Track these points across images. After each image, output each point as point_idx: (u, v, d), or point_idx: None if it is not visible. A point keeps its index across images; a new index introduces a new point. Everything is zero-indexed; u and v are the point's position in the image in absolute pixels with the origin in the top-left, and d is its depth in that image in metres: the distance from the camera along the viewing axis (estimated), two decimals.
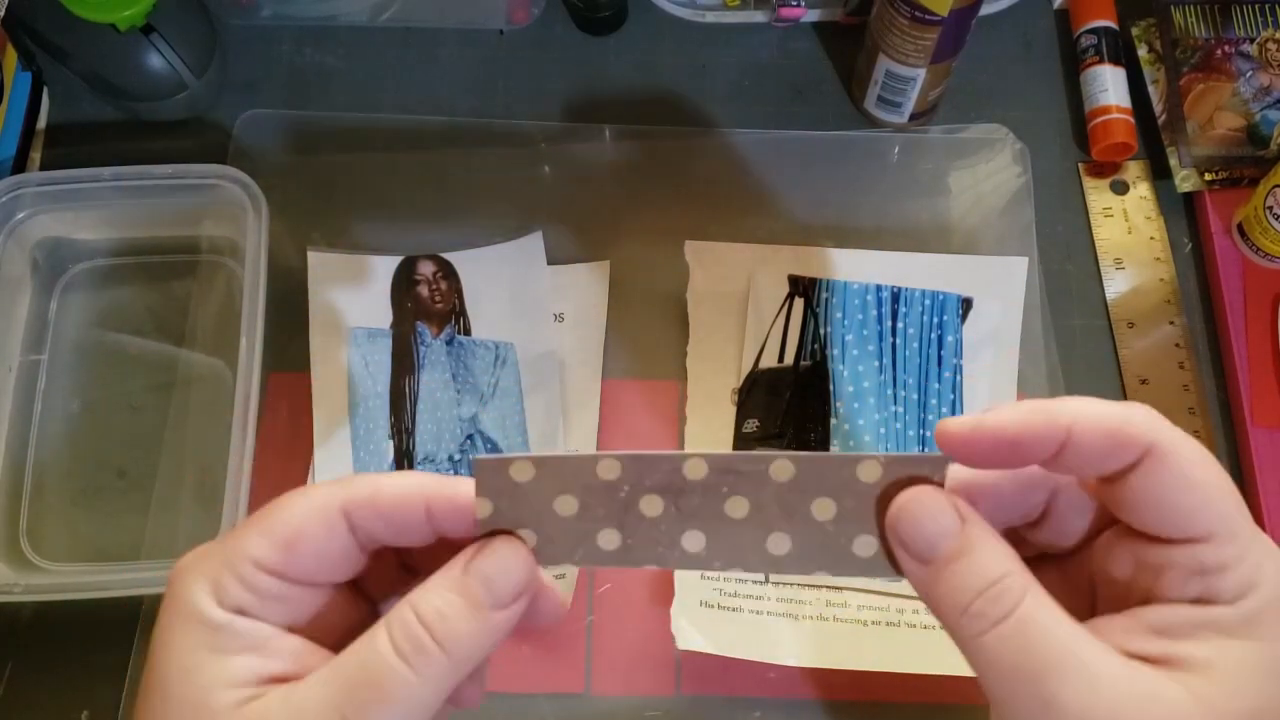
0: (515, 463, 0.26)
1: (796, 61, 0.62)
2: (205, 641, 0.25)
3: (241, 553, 0.25)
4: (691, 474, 0.26)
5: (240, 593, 0.25)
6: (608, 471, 0.26)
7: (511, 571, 0.25)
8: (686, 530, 0.26)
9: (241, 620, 0.25)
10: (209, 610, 0.25)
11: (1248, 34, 0.59)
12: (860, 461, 0.26)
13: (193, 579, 0.25)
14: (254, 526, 0.26)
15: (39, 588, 0.49)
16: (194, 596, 0.25)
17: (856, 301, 0.55)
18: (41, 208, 0.55)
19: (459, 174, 0.59)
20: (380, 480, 0.26)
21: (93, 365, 0.56)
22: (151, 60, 0.56)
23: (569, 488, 0.26)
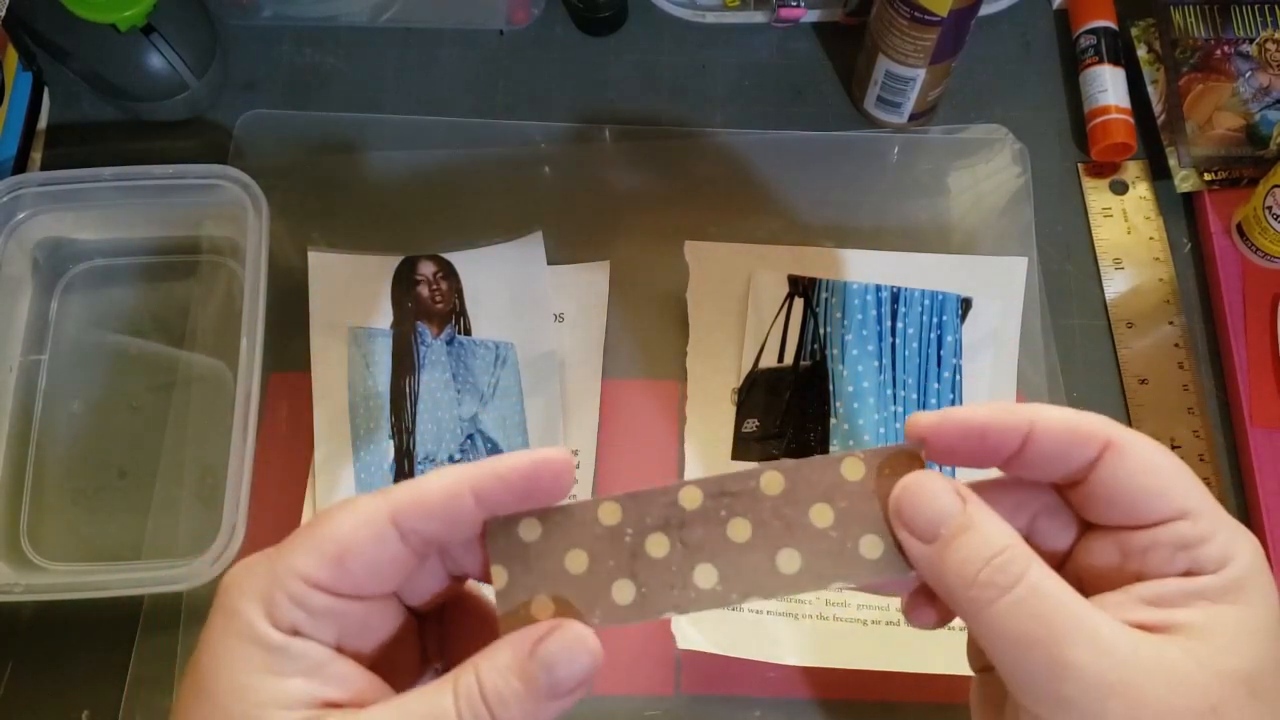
0: (523, 521, 0.26)
1: (796, 62, 0.62)
2: (261, 662, 0.25)
3: (292, 569, 0.25)
4: (688, 503, 0.26)
5: (293, 611, 0.25)
6: (609, 516, 0.26)
7: (577, 663, 0.25)
8: (696, 565, 0.26)
9: (298, 642, 0.25)
10: (265, 631, 0.25)
11: (1247, 34, 0.59)
12: (843, 461, 0.26)
13: (245, 595, 0.25)
14: (302, 542, 0.26)
15: (39, 587, 0.49)
16: (249, 614, 0.25)
17: (856, 301, 0.55)
18: (42, 208, 0.55)
19: (459, 174, 0.60)
20: (422, 482, 0.26)
21: (93, 365, 0.56)
22: (152, 60, 0.57)
23: (576, 541, 0.26)
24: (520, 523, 0.26)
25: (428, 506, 0.26)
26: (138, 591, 0.49)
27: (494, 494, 0.26)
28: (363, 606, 0.26)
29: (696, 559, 0.26)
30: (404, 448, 0.53)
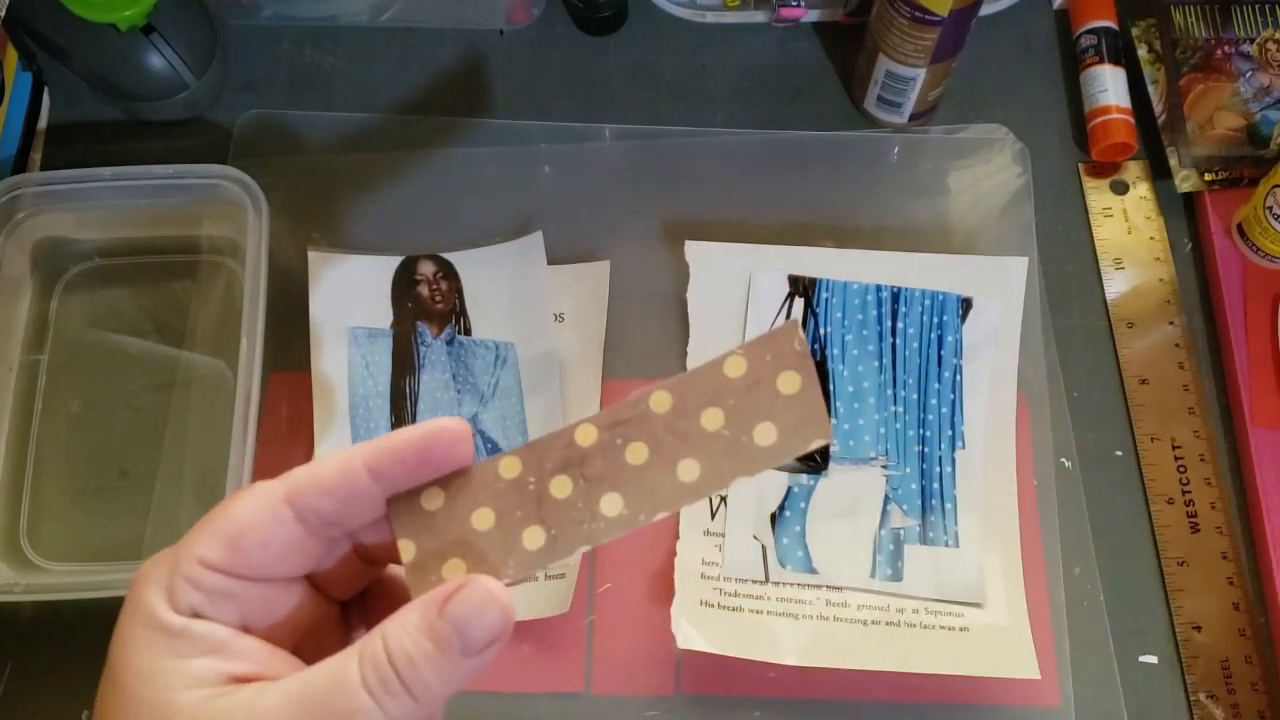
0: (425, 492, 0.27)
1: (796, 61, 0.62)
2: (164, 647, 0.25)
3: (189, 554, 0.25)
4: (584, 441, 0.26)
5: (190, 593, 0.25)
6: (509, 470, 0.27)
7: (486, 618, 0.25)
8: (601, 496, 0.27)
9: (198, 624, 0.25)
10: (166, 615, 0.25)
11: (1248, 34, 0.59)
12: (724, 361, 0.26)
13: (148, 584, 0.26)
14: (202, 527, 0.26)
15: (39, 587, 0.49)
16: (150, 601, 0.25)
17: (856, 301, 0.55)
18: (42, 207, 0.55)
19: (459, 174, 0.60)
20: (318, 462, 0.27)
21: (93, 365, 0.56)
22: (152, 60, 0.56)
23: (480, 500, 0.27)
24: (422, 494, 0.27)
25: (321, 484, 0.26)
26: None
27: (388, 468, 0.26)
28: (265, 588, 0.26)
29: (600, 490, 0.26)
30: None
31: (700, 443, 0.26)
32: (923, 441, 0.53)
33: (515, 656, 0.49)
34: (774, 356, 0.26)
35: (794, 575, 0.51)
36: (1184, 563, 0.52)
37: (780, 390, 0.26)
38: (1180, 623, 0.51)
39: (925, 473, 0.53)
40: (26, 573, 0.51)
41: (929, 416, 0.53)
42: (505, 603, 0.25)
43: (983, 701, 0.49)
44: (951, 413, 0.53)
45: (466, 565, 0.26)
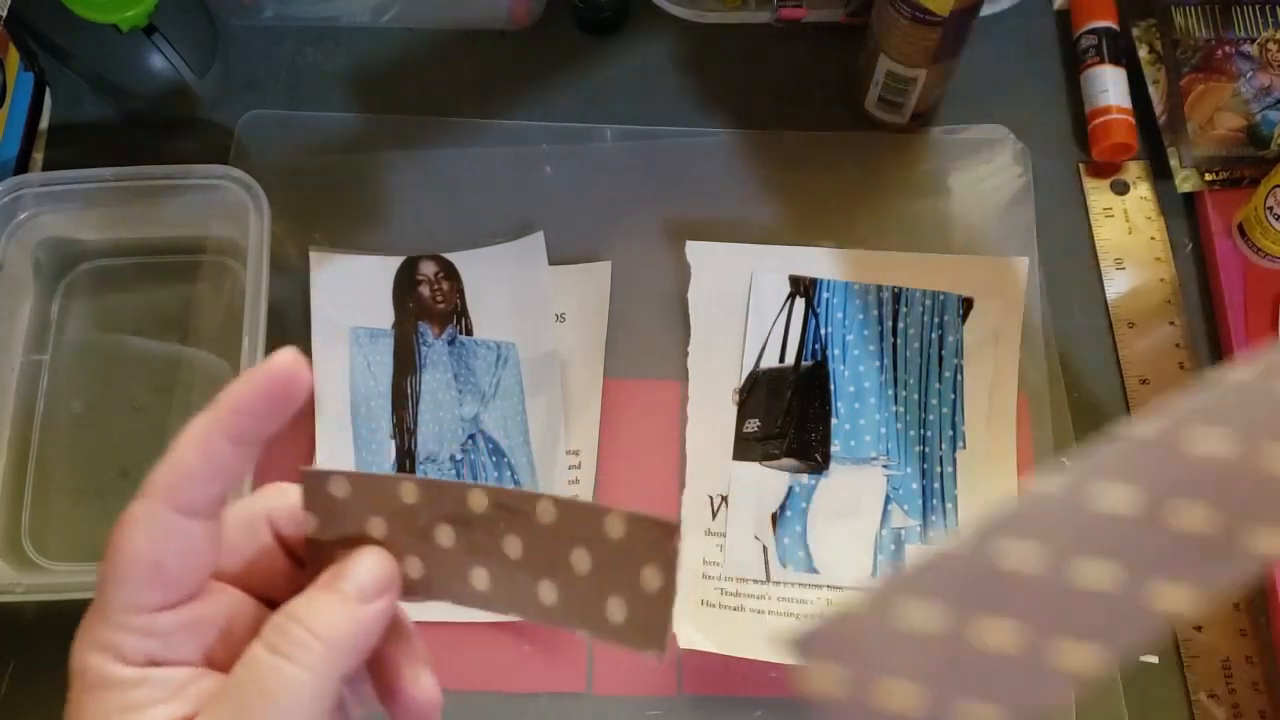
0: (333, 477, 0.27)
1: (797, 62, 0.62)
2: (119, 702, 0.24)
3: (122, 607, 0.25)
4: (474, 506, 0.26)
5: (144, 643, 0.25)
6: (408, 495, 0.27)
7: (372, 567, 0.26)
8: (474, 566, 0.27)
9: (157, 671, 0.25)
10: (117, 671, 0.24)
11: (1248, 34, 0.59)
12: (607, 515, 0.25)
13: (88, 650, 0.25)
14: (114, 578, 0.25)
15: (41, 587, 0.49)
16: (96, 664, 0.24)
17: (857, 301, 0.55)
18: (44, 208, 0.55)
19: (460, 174, 0.60)
20: (174, 454, 0.27)
21: (95, 365, 0.56)
22: (153, 61, 0.57)
23: (377, 509, 0.27)
24: (331, 478, 0.27)
25: (190, 473, 0.26)
26: None
27: (243, 426, 0.27)
28: (213, 606, 0.26)
29: (475, 560, 0.27)
30: (405, 448, 0.53)
31: (564, 575, 0.26)
32: (924, 441, 0.53)
33: (517, 657, 0.49)
34: (649, 545, 0.25)
35: (795, 575, 0.51)
36: None
37: (642, 580, 0.25)
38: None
39: (926, 473, 0.53)
40: (28, 573, 0.51)
41: (930, 416, 0.54)
42: (385, 555, 0.26)
43: None
44: (952, 413, 0.54)
45: None
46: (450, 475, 0.53)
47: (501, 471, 0.53)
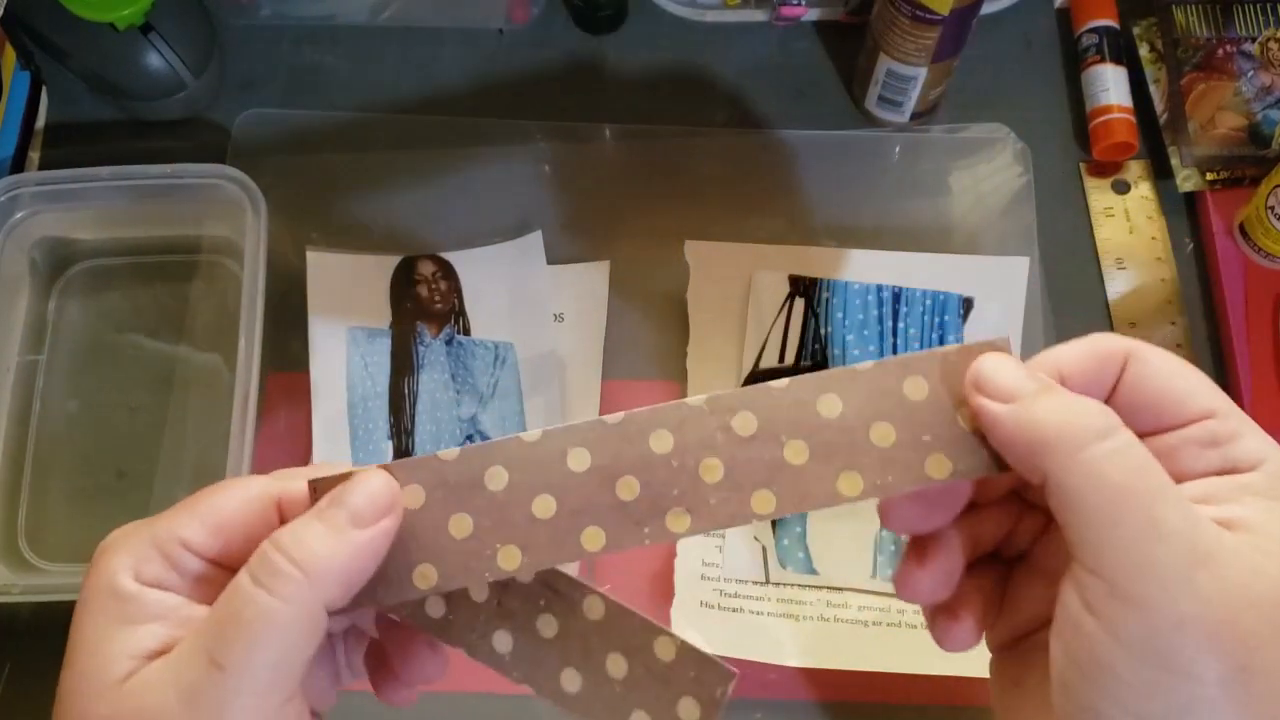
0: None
1: (797, 61, 0.62)
2: (116, 613, 0.25)
3: (170, 532, 0.25)
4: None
5: (163, 571, 0.25)
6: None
7: (370, 490, 0.25)
8: (500, 629, 0.27)
9: (152, 591, 0.25)
10: (123, 582, 0.25)
11: (1249, 33, 0.59)
12: (659, 636, 0.26)
13: (114, 555, 0.25)
14: (186, 509, 0.26)
15: (38, 588, 0.49)
16: (112, 568, 0.25)
17: (857, 301, 0.55)
18: (40, 207, 0.54)
19: (459, 174, 0.59)
20: (316, 472, 0.26)
21: (91, 365, 0.55)
22: (150, 59, 0.56)
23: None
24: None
25: (294, 503, 0.26)
26: None
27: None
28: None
29: (502, 624, 0.27)
30: (403, 448, 0.53)
31: (594, 672, 0.26)
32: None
33: None
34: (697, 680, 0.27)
35: (794, 576, 0.50)
36: None
37: (679, 709, 0.26)
38: None
39: None
40: (24, 573, 0.51)
41: None
42: (392, 484, 0.26)
43: (983, 702, 0.49)
44: None
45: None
46: None
47: None
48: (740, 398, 0.25)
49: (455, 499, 0.25)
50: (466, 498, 0.25)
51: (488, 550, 0.25)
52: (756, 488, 0.25)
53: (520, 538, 0.25)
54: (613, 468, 0.25)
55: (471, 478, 0.25)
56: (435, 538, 0.25)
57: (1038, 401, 0.24)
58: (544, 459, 0.25)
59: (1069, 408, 0.24)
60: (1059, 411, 0.24)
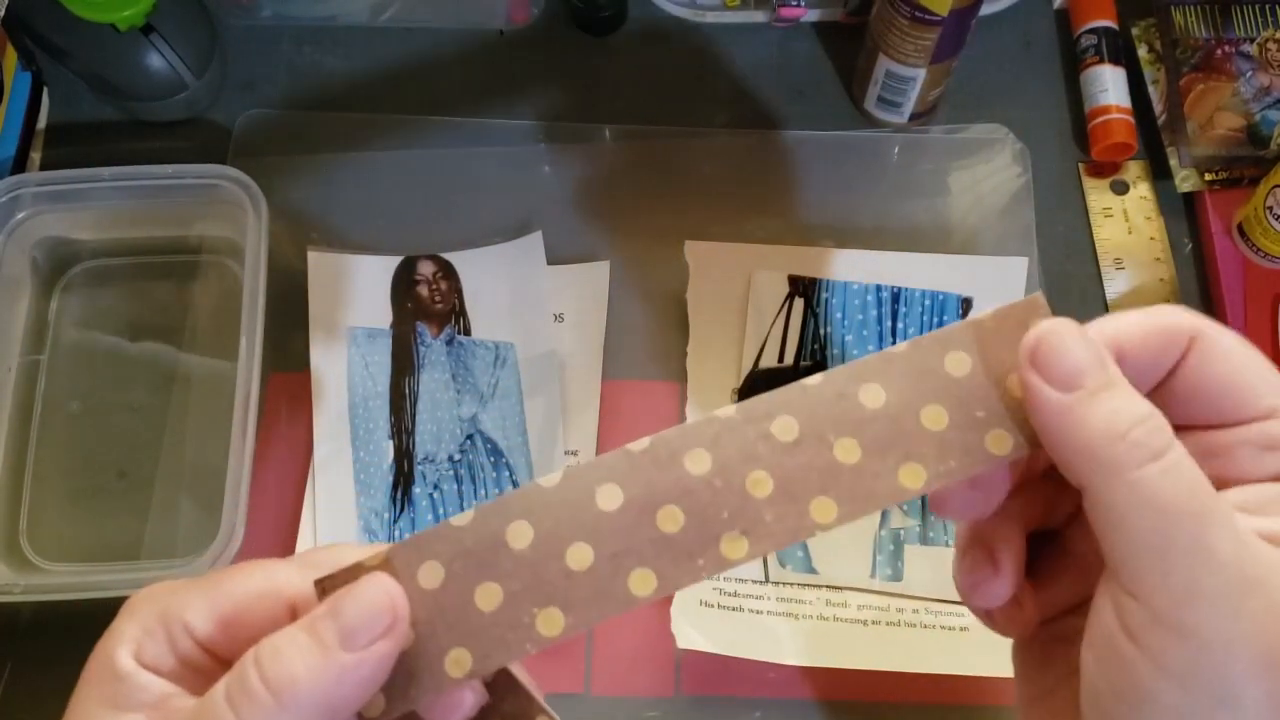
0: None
1: (796, 61, 0.62)
2: (108, 694, 0.23)
3: (179, 612, 0.24)
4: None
5: (163, 652, 0.24)
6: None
7: (367, 602, 0.22)
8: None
9: (145, 675, 0.24)
10: (121, 660, 0.24)
11: (1248, 34, 0.59)
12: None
13: (127, 622, 0.24)
14: (202, 589, 0.24)
15: (39, 588, 0.49)
16: (115, 641, 0.24)
17: (856, 301, 0.55)
18: (41, 208, 0.55)
19: (458, 173, 0.59)
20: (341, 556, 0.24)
21: (92, 365, 0.56)
22: (151, 60, 0.56)
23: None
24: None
25: (307, 603, 0.24)
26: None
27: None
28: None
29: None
30: (404, 448, 0.53)
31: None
32: None
33: None
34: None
35: (794, 575, 0.51)
36: None
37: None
38: None
39: None
40: (25, 573, 0.51)
41: None
42: (393, 591, 0.22)
43: (982, 702, 0.49)
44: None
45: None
46: (448, 475, 0.53)
47: (500, 472, 0.53)
48: (774, 401, 0.24)
49: (477, 567, 0.23)
50: (490, 563, 0.23)
51: (524, 618, 0.22)
52: (813, 496, 0.23)
53: (559, 597, 0.22)
54: (649, 499, 0.23)
55: (491, 539, 0.23)
56: (463, 616, 0.23)
57: (1093, 403, 0.22)
58: (569, 503, 0.23)
59: (1125, 416, 0.22)
60: (1113, 421, 0.21)
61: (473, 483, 0.53)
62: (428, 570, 0.23)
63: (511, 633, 0.22)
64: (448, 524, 0.23)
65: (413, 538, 0.23)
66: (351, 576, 0.23)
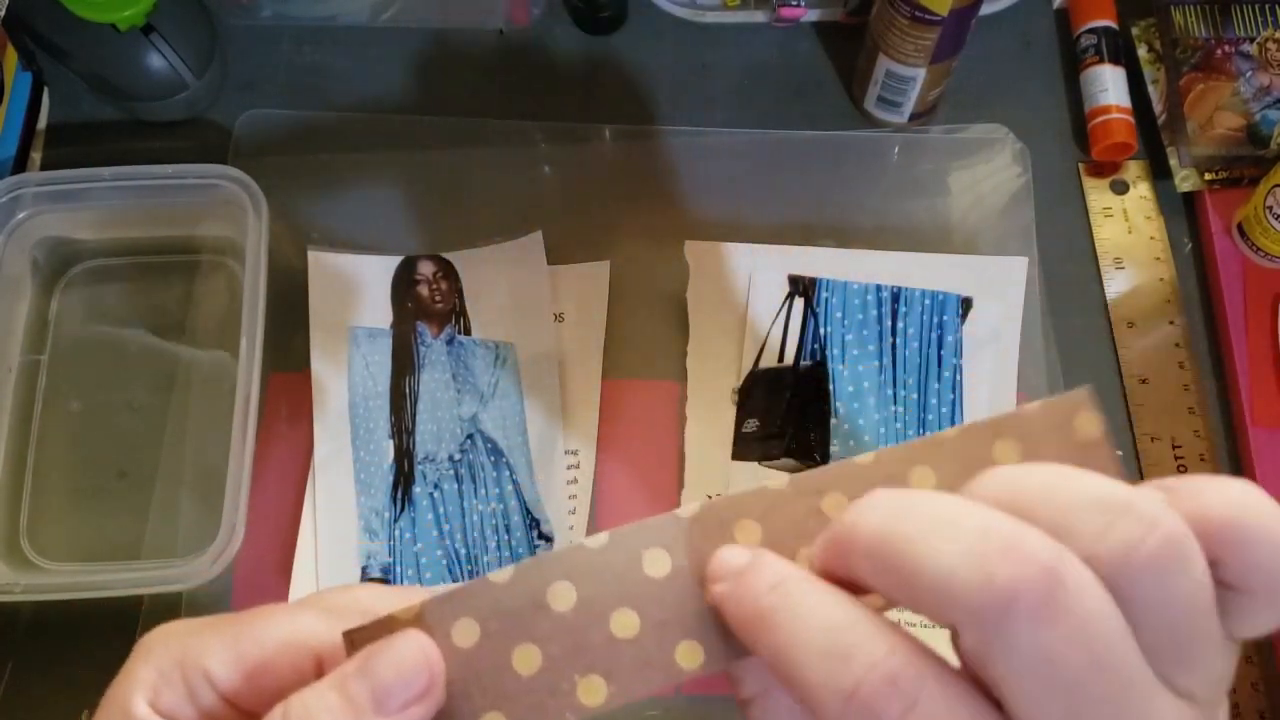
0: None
1: (796, 61, 0.62)
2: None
3: (200, 658, 0.23)
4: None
5: (180, 701, 0.23)
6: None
7: (403, 662, 0.21)
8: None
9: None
10: (136, 707, 0.23)
11: (1248, 34, 0.59)
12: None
13: (142, 664, 0.23)
14: (225, 633, 0.23)
15: (39, 587, 0.49)
16: (132, 684, 0.23)
17: (856, 301, 0.55)
18: (42, 207, 0.55)
19: (459, 174, 0.60)
20: (372, 600, 0.23)
21: (93, 365, 0.56)
22: (151, 60, 0.56)
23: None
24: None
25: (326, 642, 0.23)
26: (137, 591, 0.49)
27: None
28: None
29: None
30: (404, 448, 0.53)
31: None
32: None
33: None
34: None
35: None
36: None
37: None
38: None
39: None
40: (26, 573, 0.51)
41: (929, 416, 0.53)
42: (430, 651, 0.21)
43: None
44: (952, 412, 0.53)
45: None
46: (448, 475, 0.53)
47: (500, 471, 0.53)
48: (826, 478, 0.23)
49: (516, 628, 0.22)
50: (530, 624, 0.22)
51: (564, 684, 0.21)
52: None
53: (602, 664, 0.21)
54: (697, 568, 0.22)
55: (532, 599, 0.22)
56: (499, 679, 0.22)
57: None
58: (615, 567, 0.22)
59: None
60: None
61: (473, 482, 0.53)
62: (462, 628, 0.22)
63: (551, 699, 0.21)
64: (485, 580, 0.22)
65: (447, 592, 0.22)
66: (383, 630, 0.22)
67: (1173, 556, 0.17)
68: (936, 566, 0.17)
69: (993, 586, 0.17)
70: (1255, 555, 0.18)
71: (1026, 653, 0.17)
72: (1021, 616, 0.17)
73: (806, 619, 0.19)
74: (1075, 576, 0.17)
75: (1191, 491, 0.19)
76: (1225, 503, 0.18)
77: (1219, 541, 0.18)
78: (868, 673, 0.18)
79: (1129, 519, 0.17)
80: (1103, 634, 0.17)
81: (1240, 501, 0.18)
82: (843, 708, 0.18)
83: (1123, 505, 0.18)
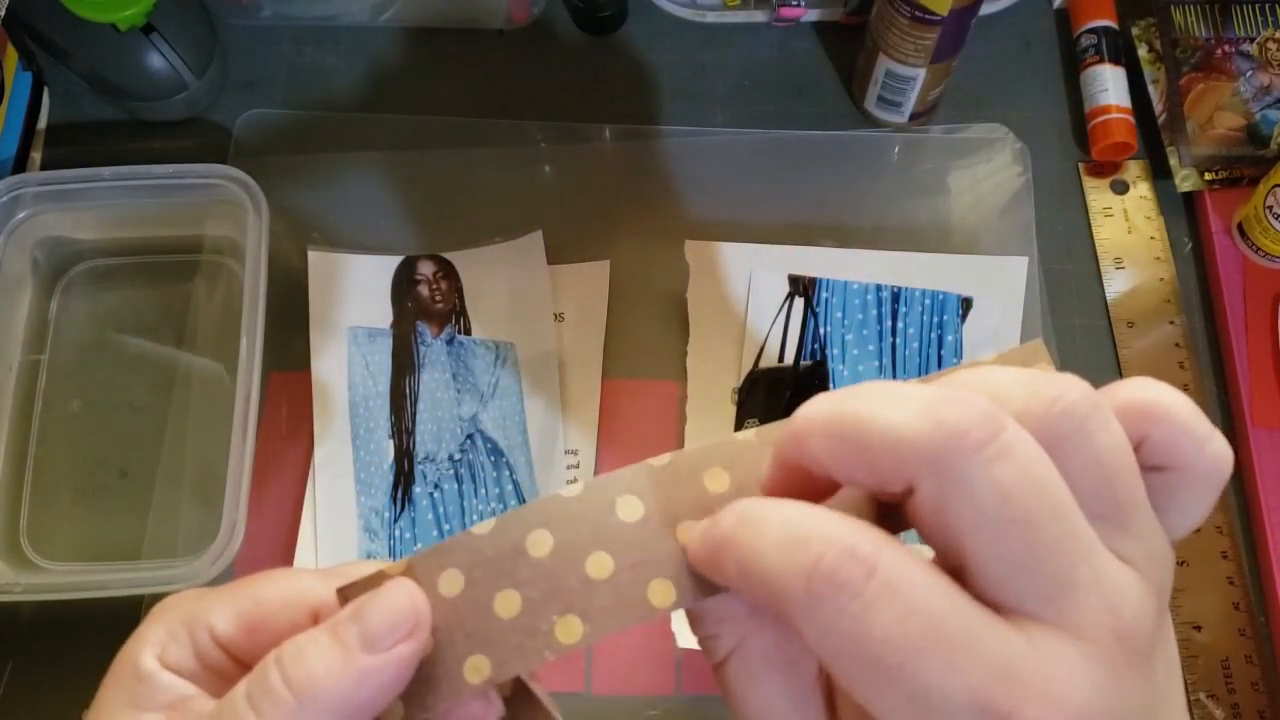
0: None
1: (796, 61, 0.62)
2: (129, 694, 0.24)
3: (204, 616, 0.24)
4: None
5: (186, 655, 0.24)
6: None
7: (390, 606, 0.22)
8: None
9: (166, 675, 0.24)
10: (145, 661, 0.24)
11: (1248, 34, 0.59)
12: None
13: (152, 625, 0.25)
14: (228, 594, 0.25)
15: (39, 587, 0.49)
16: (141, 642, 0.24)
17: (856, 301, 0.55)
18: (42, 207, 0.55)
19: (459, 174, 0.60)
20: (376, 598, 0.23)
21: (93, 365, 0.56)
22: (152, 60, 0.56)
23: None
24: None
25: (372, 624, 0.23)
26: (138, 591, 0.49)
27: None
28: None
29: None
30: (404, 447, 0.53)
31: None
32: None
33: None
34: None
35: None
36: (1184, 562, 0.52)
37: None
38: (1180, 622, 0.51)
39: None
40: (26, 572, 0.51)
41: None
42: (416, 596, 0.22)
43: None
44: None
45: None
46: (448, 474, 0.53)
47: (500, 471, 0.53)
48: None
49: (497, 575, 0.23)
50: (509, 570, 0.23)
51: (543, 625, 0.22)
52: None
53: (578, 604, 0.22)
54: (668, 513, 0.23)
55: (512, 547, 0.23)
56: (482, 623, 0.22)
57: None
58: (590, 514, 0.23)
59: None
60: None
61: (473, 482, 0.53)
62: (448, 578, 0.23)
63: (530, 640, 0.22)
64: (469, 533, 0.23)
65: (434, 546, 0.23)
66: (374, 583, 0.23)
67: (1091, 409, 0.19)
68: (888, 423, 0.19)
69: (943, 427, 0.18)
70: (1176, 422, 0.20)
71: (982, 488, 0.18)
72: (972, 451, 0.18)
73: (766, 522, 0.20)
74: (1013, 425, 0.19)
75: (1109, 388, 0.21)
76: (1141, 386, 0.21)
77: (1142, 416, 0.20)
78: (826, 548, 0.18)
79: (1051, 384, 0.20)
80: (1047, 478, 0.18)
81: (1155, 386, 0.21)
82: (806, 587, 0.18)
83: (1045, 379, 0.20)
